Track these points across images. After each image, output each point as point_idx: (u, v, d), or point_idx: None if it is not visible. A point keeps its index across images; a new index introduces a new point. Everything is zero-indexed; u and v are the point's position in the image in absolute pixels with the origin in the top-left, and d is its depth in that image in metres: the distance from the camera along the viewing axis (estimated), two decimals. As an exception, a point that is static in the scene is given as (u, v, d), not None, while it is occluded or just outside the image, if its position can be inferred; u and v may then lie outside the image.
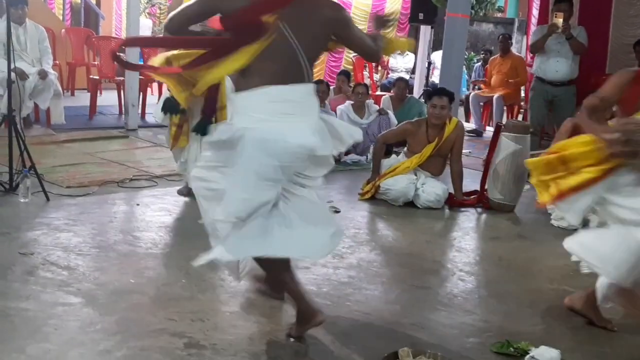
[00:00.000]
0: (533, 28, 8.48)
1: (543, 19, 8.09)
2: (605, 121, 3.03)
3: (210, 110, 4.30)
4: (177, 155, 4.70)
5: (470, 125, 8.77)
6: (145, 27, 11.57)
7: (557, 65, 6.70)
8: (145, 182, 5.12)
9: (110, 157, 5.85)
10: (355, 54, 3.00)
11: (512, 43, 9.39)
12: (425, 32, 10.47)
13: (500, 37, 9.22)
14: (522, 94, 9.22)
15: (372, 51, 2.74)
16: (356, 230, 4.35)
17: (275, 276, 2.83)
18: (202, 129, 4.26)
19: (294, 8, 2.48)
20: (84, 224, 4.03)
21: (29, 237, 3.71)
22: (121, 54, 2.69)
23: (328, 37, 2.65)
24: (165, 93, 4.67)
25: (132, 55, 7.15)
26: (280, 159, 2.46)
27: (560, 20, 6.48)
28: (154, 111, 4.89)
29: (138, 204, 4.56)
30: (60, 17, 10.75)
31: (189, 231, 3.98)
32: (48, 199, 4.41)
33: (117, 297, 3.01)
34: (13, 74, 4.64)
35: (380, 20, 2.90)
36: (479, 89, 9.56)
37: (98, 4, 12.03)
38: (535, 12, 8.65)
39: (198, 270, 3.36)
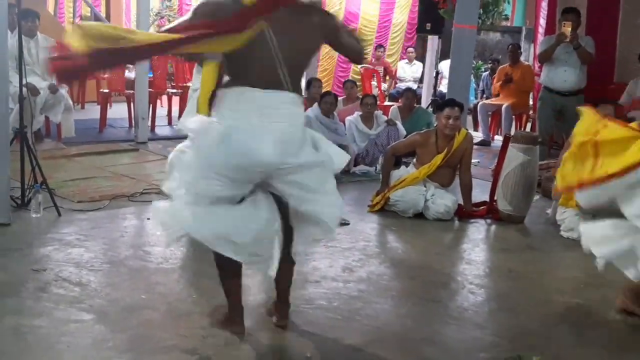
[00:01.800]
0: (540, 37, 8.49)
1: (550, 28, 8.10)
2: None
3: None
4: None
5: (478, 135, 8.77)
6: (154, 39, 11.63)
7: (565, 75, 6.71)
8: (155, 195, 5.13)
9: (120, 171, 5.89)
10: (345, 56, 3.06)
11: (521, 53, 9.39)
12: (433, 42, 10.49)
13: (510, 46, 9.22)
14: (531, 103, 9.21)
15: (359, 53, 2.83)
16: (366, 243, 4.35)
17: (220, 277, 2.83)
18: None
19: (284, 15, 2.52)
20: (95, 239, 4.06)
21: (41, 253, 3.75)
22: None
23: (318, 44, 2.73)
24: (192, 105, 4.67)
25: (141, 65, 7.21)
26: (236, 161, 2.50)
27: (568, 30, 6.49)
28: (180, 122, 4.90)
29: (149, 218, 4.58)
30: (70, 31, 10.84)
31: (199, 245, 3.98)
32: (59, 214, 4.44)
33: (129, 313, 3.03)
34: (25, 90, 4.68)
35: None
36: (488, 97, 9.55)
37: (107, 16, 12.12)
38: (542, 21, 8.65)
39: (209, 286, 3.38)
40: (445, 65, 9.86)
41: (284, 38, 2.50)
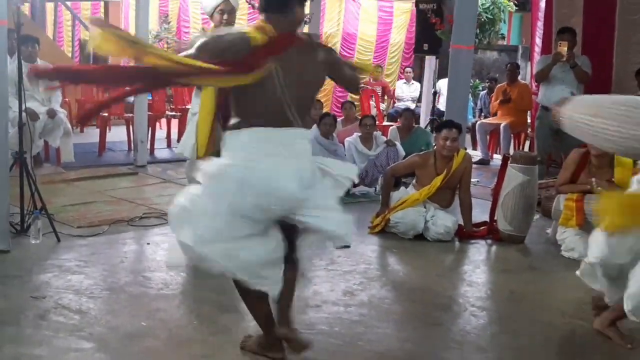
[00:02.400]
0: (536, 56, 8.54)
1: (547, 47, 8.14)
2: None
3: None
4: None
5: (477, 153, 8.78)
6: (153, 62, 11.69)
7: (562, 94, 6.70)
8: (155, 219, 5.13)
9: (120, 195, 5.89)
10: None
11: (519, 72, 9.44)
12: (431, 61, 10.55)
13: (509, 65, 9.27)
14: (529, 121, 9.23)
15: (356, 85, 2.97)
16: (367, 266, 4.34)
17: (249, 306, 2.85)
18: None
19: (291, 54, 2.57)
20: (95, 265, 4.05)
21: (40, 279, 3.73)
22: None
23: (323, 79, 2.78)
24: (191, 129, 4.66)
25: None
26: (259, 199, 2.52)
27: (564, 49, 6.53)
28: (179, 145, 4.91)
29: (148, 243, 4.57)
30: (70, 55, 10.91)
31: (200, 271, 3.98)
32: (59, 240, 4.43)
33: (129, 341, 3.01)
34: (24, 115, 4.69)
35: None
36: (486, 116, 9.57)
37: (106, 40, 12.18)
38: (538, 40, 8.70)
39: (210, 312, 3.37)
40: (443, 84, 9.90)
41: (291, 76, 2.55)
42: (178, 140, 6.61)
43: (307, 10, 7.20)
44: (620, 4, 7.43)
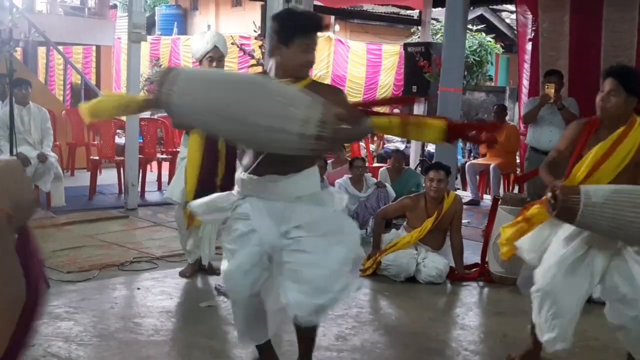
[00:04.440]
0: (524, 97, 8.65)
1: (533, 89, 8.26)
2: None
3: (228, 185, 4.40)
4: (187, 234, 4.74)
5: (467, 194, 8.83)
6: (144, 105, 11.76)
7: (551, 135, 6.80)
8: (145, 264, 5.10)
9: (110, 239, 5.85)
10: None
11: (507, 114, 9.56)
12: (419, 103, 10.66)
13: (496, 107, 9.39)
14: (518, 162, 9.31)
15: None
16: (359, 310, 4.32)
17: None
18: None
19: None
20: (84, 311, 4.00)
21: (29, 327, 3.68)
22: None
23: None
24: (180, 173, 4.68)
25: (131, 128, 7.30)
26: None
27: (551, 92, 6.62)
28: (168, 190, 4.93)
29: (139, 288, 4.54)
30: (61, 98, 10.95)
31: (191, 316, 3.96)
32: (48, 286, 4.35)
33: (119, 390, 2.97)
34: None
35: None
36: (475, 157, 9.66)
37: (98, 83, 12.28)
38: (525, 82, 8.82)
39: (200, 358, 3.34)
40: (432, 126, 9.97)
41: None
42: (169, 183, 6.61)
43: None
44: (604, 46, 7.57)
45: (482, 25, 13.85)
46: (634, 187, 3.06)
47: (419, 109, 10.48)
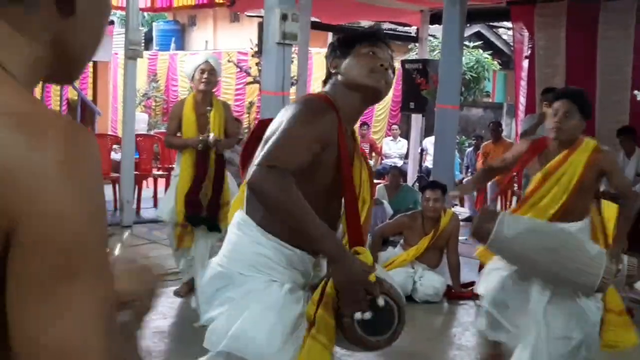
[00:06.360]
0: (521, 114, 8.66)
1: (530, 105, 8.27)
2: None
3: (215, 206, 4.37)
4: (179, 253, 4.70)
5: (464, 210, 8.80)
6: (141, 121, 11.75)
7: (548, 151, 6.80)
8: (139, 282, 5.05)
9: (104, 257, 5.80)
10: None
11: (502, 130, 9.56)
12: (417, 119, 10.66)
13: (491, 124, 9.40)
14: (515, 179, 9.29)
15: None
16: (354, 330, 4.26)
17: None
18: (210, 226, 4.33)
19: None
20: (76, 331, 3.95)
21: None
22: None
23: None
24: (171, 192, 4.66)
25: (128, 143, 7.27)
26: None
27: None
28: (159, 208, 4.90)
29: (132, 308, 4.48)
30: (57, 114, 10.90)
31: (185, 337, 3.91)
32: None
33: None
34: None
35: None
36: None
37: (94, 100, 12.26)
38: (522, 99, 8.85)
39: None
40: (429, 142, 9.98)
41: None
42: (164, 200, 6.59)
43: (294, 71, 7.30)
44: (600, 64, 7.60)
45: (480, 42, 13.88)
46: (551, 229, 3.07)
47: (417, 124, 10.49)
